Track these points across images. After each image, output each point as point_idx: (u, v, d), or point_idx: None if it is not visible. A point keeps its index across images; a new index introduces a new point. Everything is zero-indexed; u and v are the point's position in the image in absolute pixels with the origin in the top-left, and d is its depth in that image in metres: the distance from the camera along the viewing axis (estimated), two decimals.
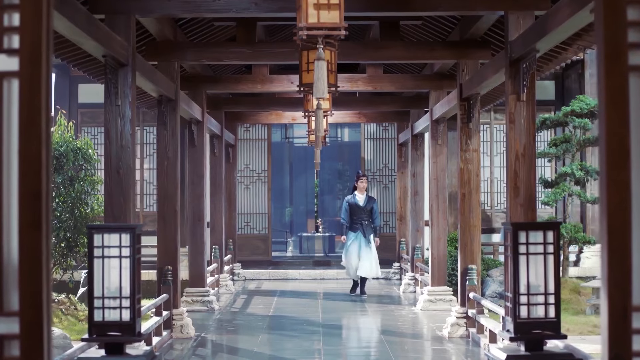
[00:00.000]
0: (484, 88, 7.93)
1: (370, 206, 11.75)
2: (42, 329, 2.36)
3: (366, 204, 11.75)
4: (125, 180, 6.26)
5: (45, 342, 2.38)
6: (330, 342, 8.05)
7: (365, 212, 11.68)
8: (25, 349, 2.12)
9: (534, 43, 5.81)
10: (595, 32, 2.29)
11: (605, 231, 2.11)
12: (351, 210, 11.71)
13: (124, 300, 4.59)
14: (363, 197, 11.80)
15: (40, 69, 2.61)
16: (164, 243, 8.29)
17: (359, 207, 11.71)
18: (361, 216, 11.66)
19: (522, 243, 4.84)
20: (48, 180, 2.69)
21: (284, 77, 10.78)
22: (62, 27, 4.98)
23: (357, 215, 11.67)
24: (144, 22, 7.81)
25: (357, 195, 11.86)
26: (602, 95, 2.20)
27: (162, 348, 7.57)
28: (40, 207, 2.59)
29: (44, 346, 2.34)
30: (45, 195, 2.71)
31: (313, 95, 5.21)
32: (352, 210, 11.71)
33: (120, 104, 6.24)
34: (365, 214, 11.68)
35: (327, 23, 4.96)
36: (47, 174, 2.67)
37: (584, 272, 12.92)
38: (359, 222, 11.67)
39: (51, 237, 2.87)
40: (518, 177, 6.30)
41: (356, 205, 11.73)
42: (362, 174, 12.28)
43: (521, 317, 4.84)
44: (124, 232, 4.62)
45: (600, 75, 2.29)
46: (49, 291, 2.62)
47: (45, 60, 2.59)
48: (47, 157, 2.67)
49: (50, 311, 2.58)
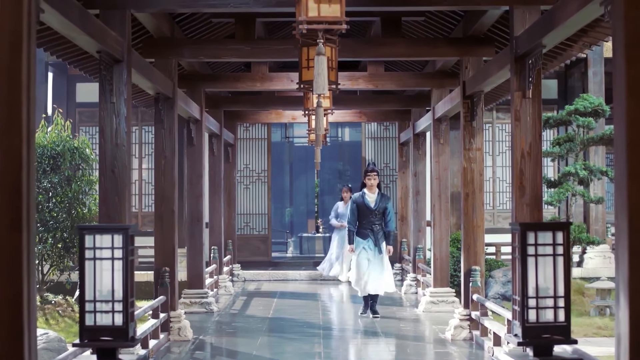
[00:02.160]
0: (488, 85, 7.79)
1: (382, 207, 9.65)
2: (22, 333, 2.23)
3: (378, 204, 9.64)
4: (121, 180, 6.10)
5: (26, 347, 2.25)
6: (331, 345, 7.92)
7: (377, 215, 9.63)
8: (5, 354, 2.01)
9: (541, 38, 5.66)
10: (613, 23, 2.15)
11: (626, 231, 1.95)
12: (359, 212, 9.64)
13: (117, 303, 4.42)
14: (374, 197, 9.67)
15: (21, 60, 2.45)
16: (161, 244, 8.15)
17: (368, 209, 9.61)
18: (372, 219, 9.61)
19: (531, 244, 4.67)
20: (30, 178, 2.52)
21: (283, 75, 10.65)
22: (54, 21, 4.82)
23: (367, 218, 9.62)
24: (140, 18, 7.66)
25: (367, 194, 9.70)
26: (620, 85, 2.05)
27: (159, 351, 7.42)
28: (21, 206, 2.43)
29: (24, 351, 2.21)
30: (27, 194, 2.54)
31: (313, 91, 5.06)
32: (360, 212, 9.64)
33: (115, 101, 6.09)
34: (377, 216, 9.63)
35: (328, 17, 4.82)
36: (29, 171, 2.50)
37: (587, 273, 12.80)
38: (369, 226, 9.60)
39: (34, 238, 2.69)
40: (524, 176, 6.16)
41: (366, 206, 9.63)
42: (371, 167, 10.01)
43: (530, 321, 4.67)
44: (116, 233, 4.45)
45: (619, 65, 2.14)
46: (31, 295, 2.46)
47: (27, 50, 2.42)
48: (30, 152, 2.51)
49: (32, 315, 2.42)
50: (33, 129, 2.34)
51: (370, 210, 9.58)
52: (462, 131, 8.39)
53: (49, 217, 9.47)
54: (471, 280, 7.91)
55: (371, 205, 9.60)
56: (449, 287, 10.09)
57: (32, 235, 2.55)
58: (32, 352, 2.14)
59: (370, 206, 9.60)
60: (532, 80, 6.13)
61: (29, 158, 2.50)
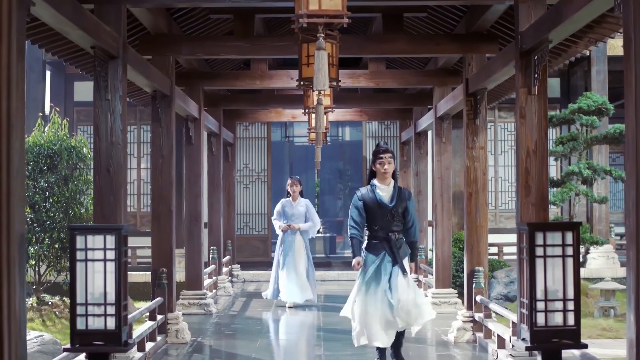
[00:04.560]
0: (492, 82, 7.65)
1: (402, 205, 6.46)
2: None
3: (395, 200, 6.43)
4: (116, 179, 5.95)
5: (6, 352, 2.13)
6: (331, 347, 7.78)
7: (395, 216, 6.42)
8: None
9: (547, 33, 5.51)
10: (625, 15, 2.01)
11: (635, 231, 1.80)
12: (368, 212, 6.44)
13: (109, 307, 4.26)
14: (389, 190, 6.48)
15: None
16: (158, 244, 8.02)
17: (382, 208, 6.42)
18: (387, 223, 6.40)
19: (539, 245, 4.52)
20: (10, 176, 2.38)
21: (283, 73, 10.52)
22: (45, 15, 4.68)
23: (380, 221, 6.42)
24: (137, 14, 7.52)
25: (378, 186, 6.48)
26: (631, 79, 1.89)
27: (156, 354, 7.27)
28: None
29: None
30: (7, 194, 2.40)
31: (313, 87, 4.91)
32: (370, 213, 6.44)
33: (110, 99, 5.94)
34: (395, 218, 6.42)
35: (329, 10, 4.68)
36: (8, 170, 2.36)
37: (590, 274, 12.67)
38: (384, 234, 6.40)
39: (15, 240, 2.56)
40: (529, 174, 6.01)
41: (377, 203, 6.43)
42: (384, 146, 6.67)
43: (538, 325, 4.51)
44: (108, 234, 4.30)
45: (631, 59, 1.98)
46: (10, 301, 2.33)
47: (7, 40, 2.29)
48: (10, 150, 2.36)
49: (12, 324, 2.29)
50: (10, 123, 2.20)
51: (384, 210, 6.40)
52: (465, 129, 8.25)
53: (45, 217, 9.34)
54: (474, 281, 7.77)
55: (385, 201, 6.41)
56: (451, 288, 9.95)
57: (11, 238, 2.40)
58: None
59: (384, 203, 6.41)
60: (537, 76, 5.98)
61: (8, 156, 2.35)
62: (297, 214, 10.74)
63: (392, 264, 6.30)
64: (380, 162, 6.50)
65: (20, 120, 3.54)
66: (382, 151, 6.55)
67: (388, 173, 6.48)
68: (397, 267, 6.28)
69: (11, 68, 2.29)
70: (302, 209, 10.78)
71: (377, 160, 6.53)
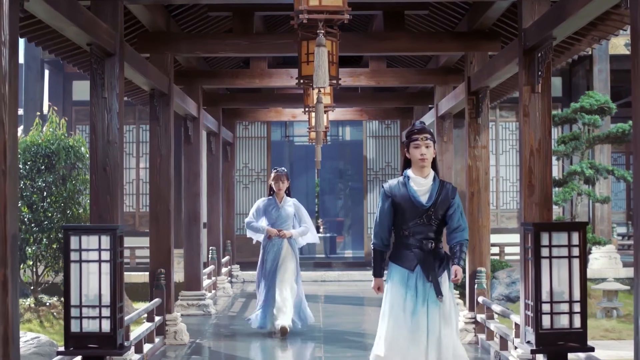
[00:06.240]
0: (494, 80, 7.55)
1: (444, 205, 4.89)
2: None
3: (435, 198, 4.87)
4: (113, 178, 5.85)
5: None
6: (332, 348, 7.69)
7: (433, 219, 4.88)
8: None
9: (551, 30, 5.41)
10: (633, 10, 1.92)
11: None
12: (397, 212, 4.94)
13: (104, 309, 4.16)
14: (427, 183, 4.90)
15: None
16: (156, 244, 7.92)
17: (416, 207, 4.88)
18: (422, 227, 4.87)
19: (545, 245, 4.42)
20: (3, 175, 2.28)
21: (283, 72, 10.44)
22: (40, 11, 4.58)
23: (412, 224, 4.88)
24: (134, 11, 7.43)
25: (412, 178, 4.93)
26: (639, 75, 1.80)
27: (154, 356, 7.18)
28: None
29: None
30: None
31: (313, 84, 4.82)
32: (399, 211, 4.93)
33: (107, 97, 5.83)
34: (433, 222, 4.88)
35: (330, 6, 4.59)
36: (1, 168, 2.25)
37: (592, 274, 12.56)
38: (417, 242, 4.87)
39: (8, 240, 2.46)
40: (533, 174, 5.91)
41: (412, 201, 4.88)
42: (419, 126, 4.99)
43: (543, 327, 4.41)
44: (103, 234, 4.20)
45: None
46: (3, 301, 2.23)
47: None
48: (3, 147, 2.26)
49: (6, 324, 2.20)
50: (11, 122, 2.11)
51: (418, 210, 4.86)
52: (467, 128, 8.16)
53: (43, 217, 9.26)
54: (476, 282, 7.68)
55: (421, 200, 4.87)
56: (453, 289, 9.84)
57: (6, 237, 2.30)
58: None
59: (418, 201, 4.87)
60: (541, 74, 5.89)
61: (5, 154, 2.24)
62: (284, 216, 8.32)
63: (423, 282, 4.82)
64: (415, 144, 4.86)
65: (13, 116, 3.45)
66: (417, 131, 4.89)
67: (426, 160, 4.85)
68: (427, 286, 4.80)
69: (2, 63, 2.19)
70: (290, 210, 8.35)
71: (411, 143, 4.89)
